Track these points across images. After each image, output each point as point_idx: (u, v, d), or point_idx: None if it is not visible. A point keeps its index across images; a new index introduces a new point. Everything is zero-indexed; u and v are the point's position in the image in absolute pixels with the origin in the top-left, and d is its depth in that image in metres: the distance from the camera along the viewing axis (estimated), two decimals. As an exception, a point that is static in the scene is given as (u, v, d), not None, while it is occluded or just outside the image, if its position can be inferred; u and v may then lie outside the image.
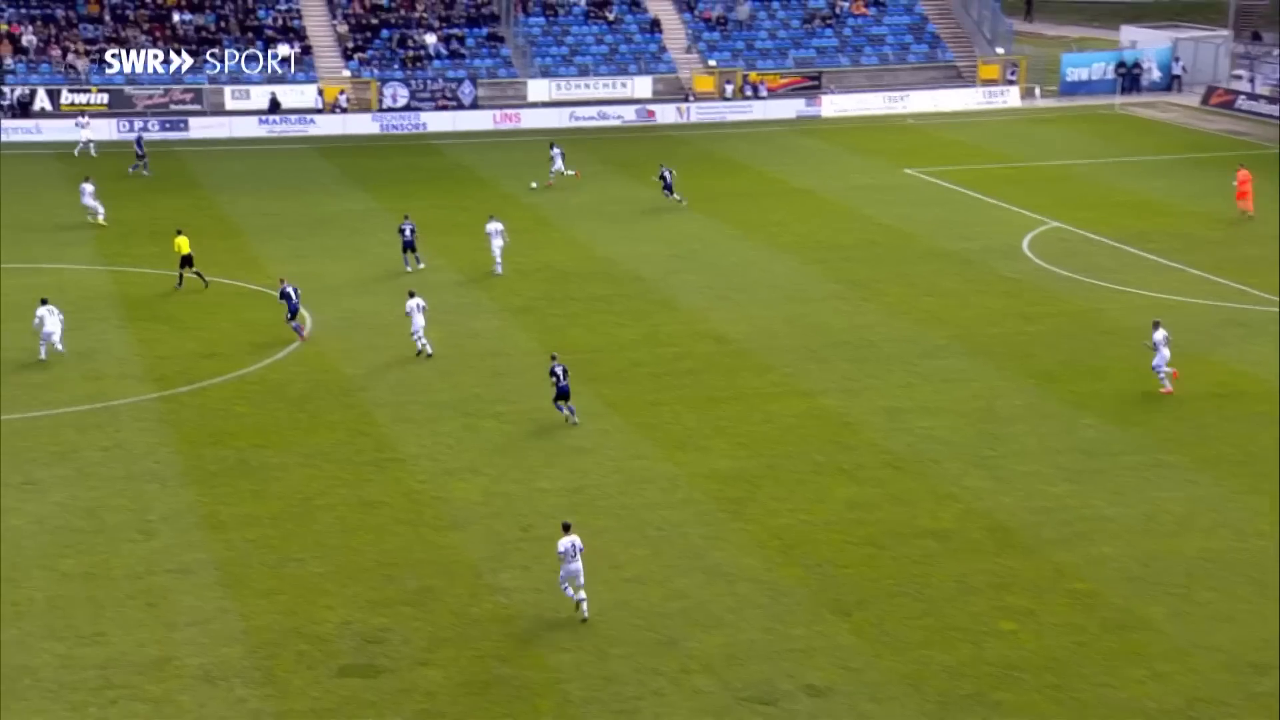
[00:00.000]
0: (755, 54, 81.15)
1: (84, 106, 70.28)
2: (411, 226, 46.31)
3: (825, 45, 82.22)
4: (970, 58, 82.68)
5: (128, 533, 27.61)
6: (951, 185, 59.76)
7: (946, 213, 54.95)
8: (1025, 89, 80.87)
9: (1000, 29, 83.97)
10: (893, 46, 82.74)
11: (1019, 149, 67.93)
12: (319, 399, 35.10)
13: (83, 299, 42.78)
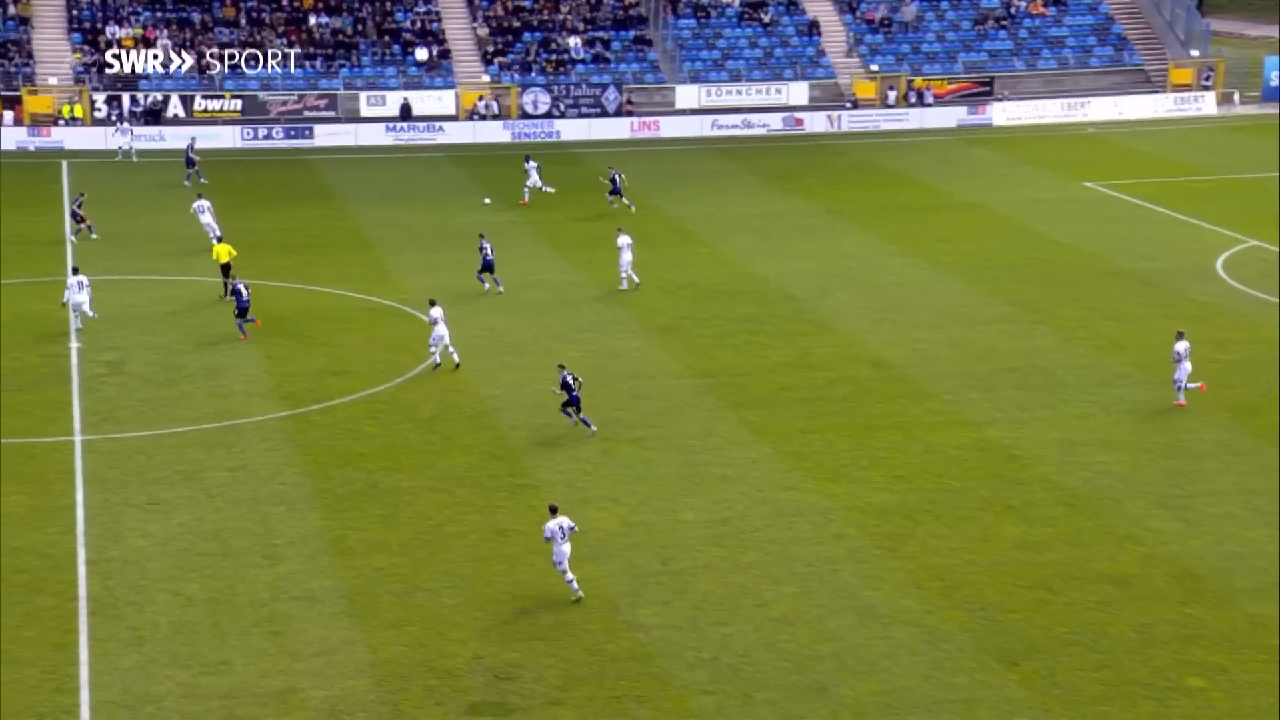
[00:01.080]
0: (921, 58, 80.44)
1: (216, 113, 72.56)
2: (490, 245, 46.54)
3: (998, 48, 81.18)
4: (1160, 61, 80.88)
5: (253, 557, 28.29)
6: (1136, 200, 58.43)
7: (1129, 229, 53.74)
8: (1223, 95, 78.79)
9: (1195, 29, 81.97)
10: (1074, 49, 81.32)
11: (1213, 160, 66.17)
12: (451, 420, 35.60)
13: (213, 313, 44.04)
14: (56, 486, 31.09)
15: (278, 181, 64.04)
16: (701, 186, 63.16)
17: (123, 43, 74.76)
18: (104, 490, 30.99)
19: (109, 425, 34.51)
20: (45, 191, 59.98)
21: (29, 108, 70.61)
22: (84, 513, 29.86)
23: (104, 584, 26.90)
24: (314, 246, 52.49)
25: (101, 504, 30.31)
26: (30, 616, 25.63)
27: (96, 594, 26.53)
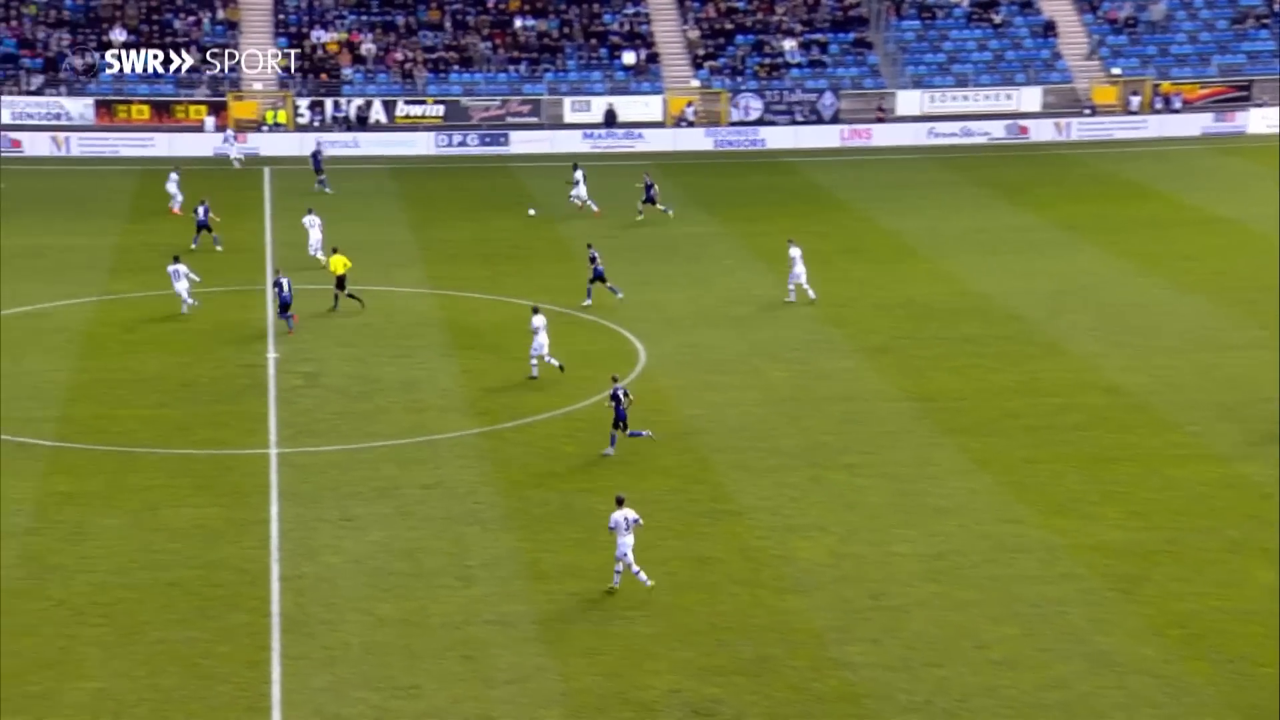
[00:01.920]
0: (1170, 61, 78.13)
1: (418, 119, 74.46)
2: (599, 254, 46.69)
3: (1259, 49, 78.33)
4: None
5: (446, 578, 28.86)
6: (1407, 214, 55.81)
7: (1400, 247, 51.33)
8: None
9: None
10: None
11: None
12: (652, 441, 35.78)
13: (409, 325, 45.15)
14: (252, 500, 32.20)
15: (476, 189, 65.35)
16: (921, 198, 62.44)
17: (327, 47, 77.31)
18: (299, 505, 31.98)
19: (305, 438, 35.62)
20: (246, 198, 62.24)
21: (233, 113, 73.45)
22: (278, 527, 30.86)
23: (297, 601, 27.73)
24: (514, 257, 53.40)
25: (296, 519, 31.28)
26: (225, 632, 26.57)
27: (289, 611, 27.36)
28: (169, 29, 76.49)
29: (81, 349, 41.78)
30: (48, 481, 32.68)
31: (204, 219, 52.43)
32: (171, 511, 31.37)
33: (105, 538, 30.03)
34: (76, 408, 37.23)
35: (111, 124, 72.01)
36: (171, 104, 73.20)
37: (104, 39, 75.08)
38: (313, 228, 51.10)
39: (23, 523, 30.51)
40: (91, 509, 31.34)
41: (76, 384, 38.88)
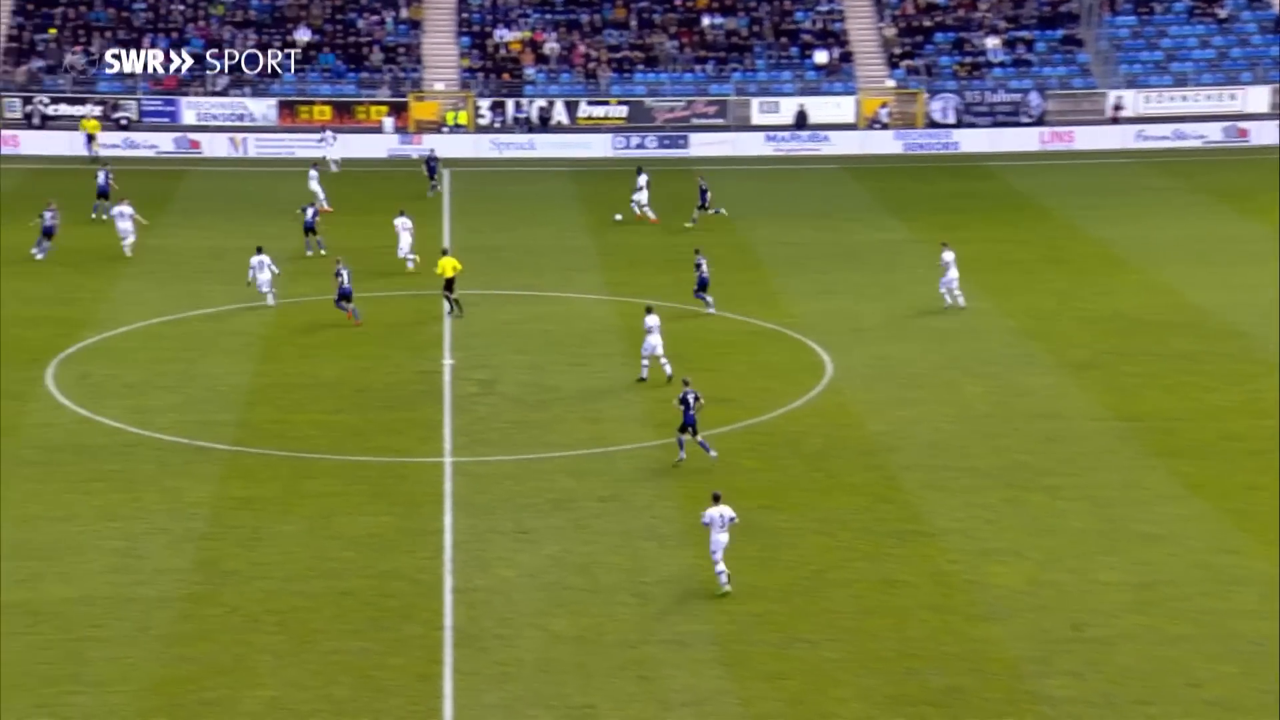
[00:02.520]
0: None
1: (600, 120, 75.05)
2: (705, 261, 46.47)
3: None
4: None
5: (622, 595, 28.95)
6: None
7: None
8: None
9: None
10: None
11: None
12: (839, 457, 35.50)
13: (588, 332, 45.47)
14: (426, 509, 32.71)
15: (657, 193, 65.51)
16: (1131, 204, 61.04)
17: (510, 46, 78.42)
18: (473, 515, 32.40)
19: (480, 447, 36.10)
20: (427, 202, 63.33)
21: (414, 114, 74.91)
22: (452, 538, 31.29)
23: (470, 614, 28.08)
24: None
25: (470, 530, 31.69)
26: (398, 644, 27.00)
27: (462, 625, 27.71)
28: (353, 28, 78.34)
29: (260, 353, 42.93)
30: (224, 486, 33.62)
31: (310, 221, 53.34)
32: (346, 519, 32.03)
33: (280, 544, 30.77)
34: (254, 412, 38.25)
35: (293, 125, 73.95)
36: (353, 105, 74.91)
37: (288, 39, 77.20)
38: (404, 230, 51.49)
39: (199, 527, 31.43)
40: (267, 515, 32.16)
41: (254, 388, 39.95)
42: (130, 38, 76.48)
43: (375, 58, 77.16)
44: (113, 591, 28.53)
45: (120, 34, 76.55)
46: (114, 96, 73.80)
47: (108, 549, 30.26)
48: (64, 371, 40.71)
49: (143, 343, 43.58)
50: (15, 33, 76.07)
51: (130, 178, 63.46)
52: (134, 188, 59.61)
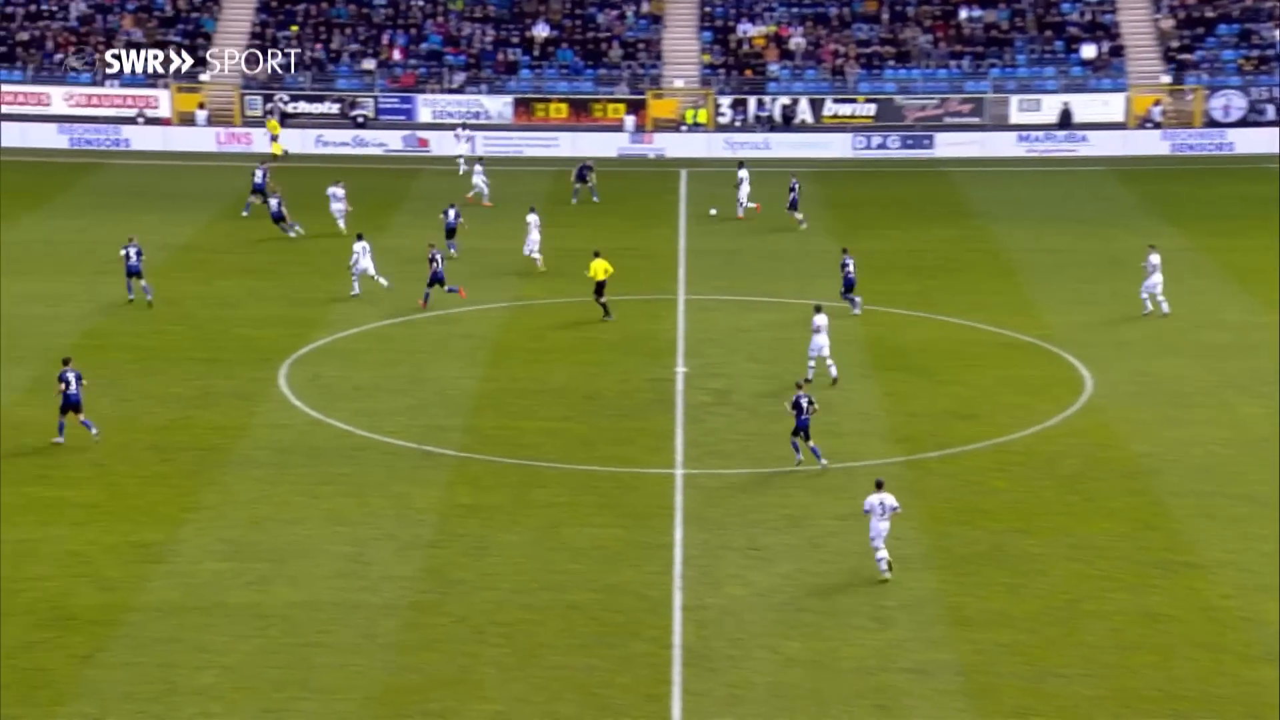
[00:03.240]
0: None
1: (846, 119, 74.56)
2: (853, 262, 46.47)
3: None
4: None
5: (860, 619, 28.67)
6: None
7: None
8: None
9: None
10: None
11: None
12: (1097, 479, 34.62)
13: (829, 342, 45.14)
14: (655, 522, 32.86)
15: (905, 196, 64.91)
16: None
17: (754, 41, 78.51)
18: (704, 530, 32.43)
19: (712, 459, 36.12)
20: (661, 203, 63.78)
21: (652, 112, 75.49)
22: (682, 553, 31.35)
23: (700, 633, 28.09)
24: (946, 271, 52.78)
25: (700, 545, 31.73)
26: (625, 662, 27.16)
27: (692, 644, 27.73)
28: (592, 23, 79.32)
29: (489, 356, 43.68)
30: (451, 493, 34.28)
31: (453, 222, 54.10)
32: (573, 530, 32.36)
33: (507, 554, 31.23)
34: (482, 417, 38.92)
35: (529, 123, 75.19)
36: (590, 102, 75.82)
37: (527, 34, 78.53)
38: (533, 228, 52.10)
39: (426, 534, 32.09)
40: (494, 523, 32.67)
41: (483, 392, 40.66)
42: (369, 34, 78.70)
43: (614, 54, 78.00)
44: (340, 597, 29.29)
45: (360, 30, 78.82)
46: (352, 94, 76.00)
47: (335, 554, 31.09)
48: (296, 372, 42.01)
49: (373, 344, 44.74)
50: (258, 30, 78.87)
51: (362, 176, 65.35)
52: (365, 186, 61.28)
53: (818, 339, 40.46)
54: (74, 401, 36.07)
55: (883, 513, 29.57)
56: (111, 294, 48.54)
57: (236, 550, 31.13)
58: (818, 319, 40.54)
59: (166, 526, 32.13)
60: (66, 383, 36.00)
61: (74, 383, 36.05)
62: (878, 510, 29.60)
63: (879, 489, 29.92)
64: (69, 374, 36.12)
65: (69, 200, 62.73)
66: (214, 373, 41.78)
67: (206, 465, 35.50)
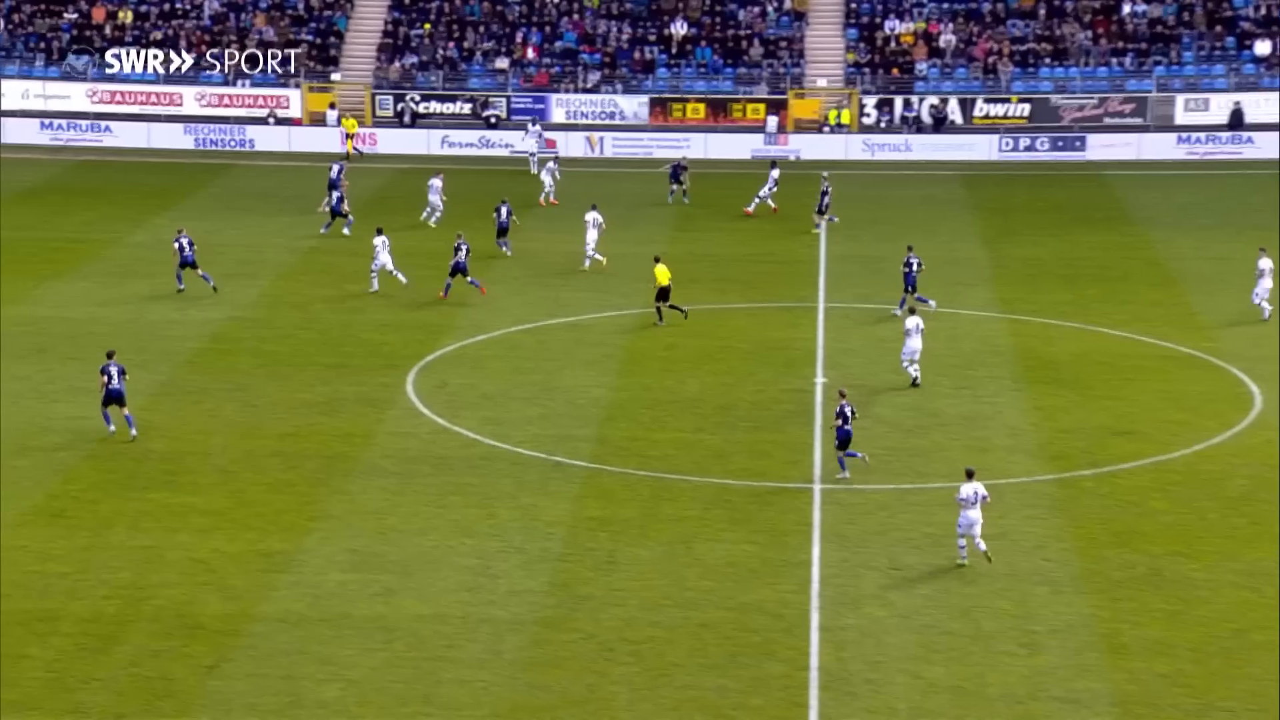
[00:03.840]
0: None
1: (998, 120, 73.80)
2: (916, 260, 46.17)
3: None
4: None
5: (1007, 644, 28.33)
6: None
7: None
8: None
9: None
10: None
11: None
12: (1268, 502, 33.90)
13: (975, 352, 44.75)
14: (791, 539, 32.74)
15: (1060, 200, 64.06)
16: None
17: (901, 39, 78.01)
18: (842, 548, 32.24)
19: (852, 474, 35.88)
20: (800, 207, 63.57)
21: (793, 113, 75.29)
22: (819, 571, 31.20)
23: (838, 656, 27.93)
24: (1103, 279, 52.07)
25: (839, 563, 31.55)
26: (758, 683, 27.07)
27: (829, 666, 27.59)
28: (732, 20, 79.33)
29: (621, 365, 43.80)
30: (581, 505, 34.42)
31: (505, 221, 54.32)
32: (706, 546, 32.33)
33: (637, 569, 31.29)
34: (613, 427, 39.04)
35: (665, 123, 75.33)
36: (729, 102, 75.81)
37: (664, 32, 78.74)
38: (593, 226, 52.48)
39: (555, 548, 32.25)
40: (624, 537, 32.74)
41: (614, 402, 40.78)
42: (503, 32, 79.38)
43: (754, 52, 77.93)
44: (466, 611, 29.52)
45: (493, 28, 79.53)
46: (484, 93, 76.68)
47: (462, 566, 31.35)
48: (423, 379, 42.45)
49: (502, 351, 45.07)
50: (390, 28, 79.91)
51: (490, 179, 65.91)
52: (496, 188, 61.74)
53: (911, 341, 40.96)
54: (117, 394, 37.17)
55: (975, 501, 30.73)
56: (238, 297, 49.40)
57: (362, 561, 31.51)
58: (909, 321, 41.09)
59: (292, 535, 32.62)
60: (109, 375, 37.09)
61: (116, 376, 37.15)
62: (971, 499, 30.77)
63: (970, 478, 30.99)
64: (111, 367, 37.21)
65: (197, 203, 63.98)
66: (340, 378, 42.34)
67: (332, 473, 35.99)
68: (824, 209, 58.07)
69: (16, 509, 33.64)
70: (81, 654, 27.69)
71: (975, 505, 30.77)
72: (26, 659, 27.46)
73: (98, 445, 37.26)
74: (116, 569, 30.90)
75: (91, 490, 34.81)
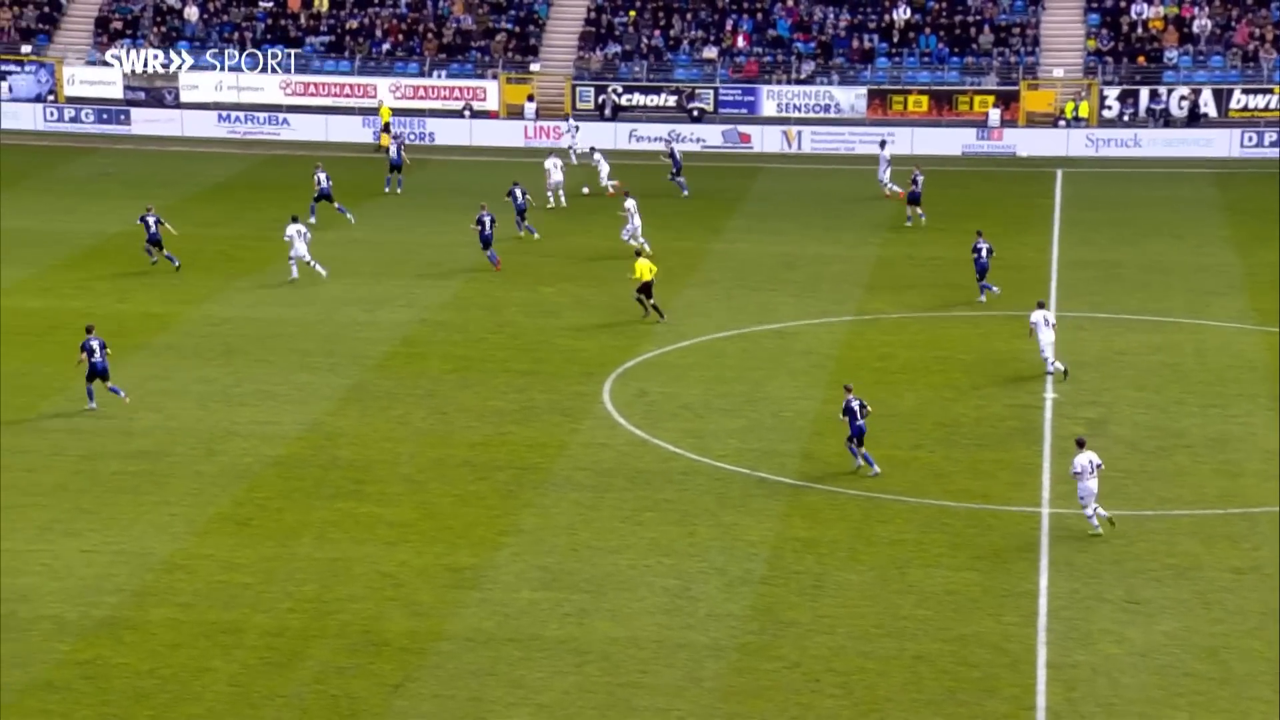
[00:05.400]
0: None
1: (1258, 113, 71.88)
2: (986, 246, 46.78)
3: None
4: None
5: (1259, 688, 27.59)
6: None
7: None
8: None
9: None
10: None
11: None
12: None
13: (1225, 367, 43.78)
14: (1016, 567, 32.29)
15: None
16: None
17: (1150, 24, 76.50)
18: (1072, 578, 31.72)
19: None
20: (1032, 207, 62.72)
21: (1025, 105, 74.25)
22: (1047, 603, 30.73)
23: (1067, 695, 27.49)
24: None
25: (1068, 595, 31.04)
26: (978, 721, 26.87)
27: (1057, 706, 27.16)
28: (960, 6, 78.54)
29: (830, 376, 43.59)
30: (786, 525, 34.33)
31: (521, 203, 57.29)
32: (921, 572, 32.05)
33: (846, 595, 31.12)
34: (821, 443, 38.87)
35: (884, 116, 74.87)
36: (954, 94, 75.08)
37: (886, 19, 78.27)
38: (634, 214, 54.23)
39: (758, 570, 32.22)
40: (832, 561, 32.60)
41: (823, 415, 40.59)
42: (711, 19, 79.60)
43: (984, 40, 77.08)
44: (662, 635, 29.63)
45: (702, 15, 79.79)
46: (690, 85, 76.94)
47: (659, 587, 31.47)
48: (620, 388, 42.72)
49: (704, 359, 45.18)
50: (593, 16, 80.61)
51: (693, 176, 66.09)
52: (698, 187, 61.79)
53: (1043, 335, 42.18)
54: (100, 369, 39.94)
55: (1091, 471, 32.67)
56: (430, 299, 50.18)
57: (554, 579, 31.80)
58: (1035, 316, 42.36)
59: (481, 550, 33.05)
60: (90, 350, 39.85)
61: (98, 350, 39.92)
62: (1088, 469, 32.72)
63: (1081, 448, 32.98)
64: (92, 342, 39.96)
65: (389, 199, 65.09)
66: (534, 386, 42.81)
67: (524, 485, 36.40)
68: (916, 199, 58.76)
69: (203, 516, 34.60)
70: (266, 668, 28.36)
71: (1093, 475, 32.72)
72: (210, 672, 28.22)
73: (284, 451, 38.15)
74: (301, 581, 31.59)
75: (277, 498, 35.65)
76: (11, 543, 33.13)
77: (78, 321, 45.40)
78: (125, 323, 47.56)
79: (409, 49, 79.66)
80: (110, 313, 48.40)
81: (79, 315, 47.52)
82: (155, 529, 33.89)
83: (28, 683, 27.77)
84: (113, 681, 27.87)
